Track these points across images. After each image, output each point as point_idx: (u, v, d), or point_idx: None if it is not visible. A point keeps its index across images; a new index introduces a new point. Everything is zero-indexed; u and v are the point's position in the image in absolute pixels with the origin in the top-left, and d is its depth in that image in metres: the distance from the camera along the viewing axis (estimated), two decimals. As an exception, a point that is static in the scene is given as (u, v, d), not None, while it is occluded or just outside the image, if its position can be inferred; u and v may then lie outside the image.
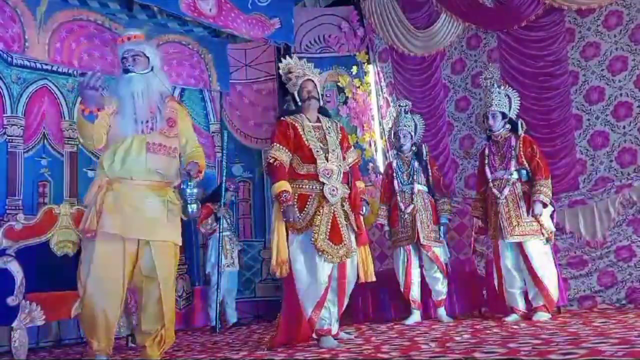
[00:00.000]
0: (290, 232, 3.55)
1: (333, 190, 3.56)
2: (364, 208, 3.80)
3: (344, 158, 3.75)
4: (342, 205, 3.63)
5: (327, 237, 3.47)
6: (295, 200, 3.53)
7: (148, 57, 3.22)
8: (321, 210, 3.51)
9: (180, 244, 3.27)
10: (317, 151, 3.61)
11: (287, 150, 3.61)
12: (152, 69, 3.21)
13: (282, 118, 3.78)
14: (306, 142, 3.62)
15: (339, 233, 3.52)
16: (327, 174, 3.57)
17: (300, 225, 3.52)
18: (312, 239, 3.46)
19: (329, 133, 3.73)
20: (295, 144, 3.63)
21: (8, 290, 3.87)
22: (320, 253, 3.44)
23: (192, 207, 3.16)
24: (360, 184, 3.84)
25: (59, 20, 5.85)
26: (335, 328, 3.62)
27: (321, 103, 3.84)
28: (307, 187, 3.58)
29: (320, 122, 3.79)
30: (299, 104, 3.83)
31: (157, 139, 3.14)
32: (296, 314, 3.54)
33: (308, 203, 3.54)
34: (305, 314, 3.49)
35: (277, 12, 6.58)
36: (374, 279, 3.79)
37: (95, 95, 2.90)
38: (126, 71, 3.16)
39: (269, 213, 6.78)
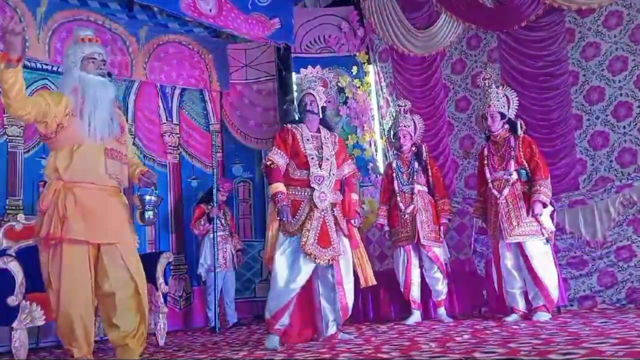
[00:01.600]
0: (281, 234, 3.75)
1: (322, 195, 3.76)
2: (356, 220, 3.99)
3: (338, 167, 3.95)
4: (332, 211, 3.83)
5: (316, 242, 3.66)
6: (289, 202, 3.73)
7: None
8: (312, 215, 3.70)
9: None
10: (312, 158, 3.82)
11: (284, 155, 3.82)
12: (109, 75, 3.22)
13: (284, 125, 4.03)
14: (303, 150, 3.83)
15: (328, 237, 3.71)
16: (319, 180, 3.78)
17: (292, 229, 3.71)
18: (302, 243, 3.64)
19: (326, 143, 3.94)
20: (293, 150, 3.84)
21: (8, 290, 3.86)
22: (307, 256, 3.62)
23: (149, 214, 3.37)
24: (354, 196, 4.05)
25: (59, 20, 5.85)
26: (333, 329, 3.82)
27: (320, 116, 4.02)
28: (299, 193, 3.79)
29: (319, 132, 3.99)
30: (299, 113, 4.06)
31: (113, 144, 3.18)
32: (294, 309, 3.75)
33: (300, 209, 3.75)
34: (271, 311, 3.66)
35: (277, 12, 6.58)
36: (374, 282, 3.99)
37: (18, 41, 2.61)
38: (103, 75, 3.15)
39: (269, 213, 6.78)
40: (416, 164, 4.90)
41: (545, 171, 4.26)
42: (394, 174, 4.96)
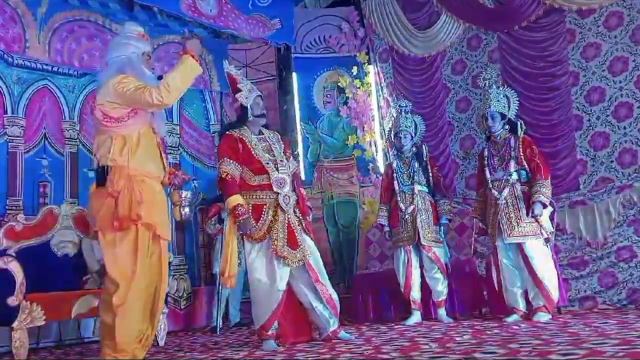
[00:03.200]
0: (247, 242, 3.70)
1: (286, 198, 3.75)
2: (310, 216, 4.05)
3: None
4: (295, 212, 3.81)
5: (286, 244, 3.65)
6: (250, 210, 3.67)
7: None
8: (277, 218, 3.68)
9: None
10: (267, 163, 3.76)
11: (237, 164, 3.72)
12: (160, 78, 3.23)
13: (227, 132, 3.89)
14: (255, 156, 3.76)
15: (295, 238, 3.71)
16: (281, 183, 3.74)
17: (257, 235, 3.66)
18: (272, 247, 3.63)
19: (273, 144, 3.89)
20: (244, 157, 3.76)
21: (8, 291, 3.87)
22: (280, 259, 3.61)
23: (186, 210, 3.35)
24: (303, 191, 4.04)
25: (60, 20, 5.85)
26: (335, 325, 3.79)
27: (265, 118, 4.00)
28: (261, 197, 3.73)
29: (263, 134, 3.94)
30: (248, 116, 3.90)
31: (159, 139, 3.27)
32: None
33: (263, 212, 3.70)
34: (259, 320, 3.65)
35: (278, 13, 6.58)
36: None
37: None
38: (153, 74, 3.21)
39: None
40: (416, 164, 4.90)
41: (545, 172, 4.26)
42: (395, 174, 4.96)
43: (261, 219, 3.66)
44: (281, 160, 3.82)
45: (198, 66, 3.10)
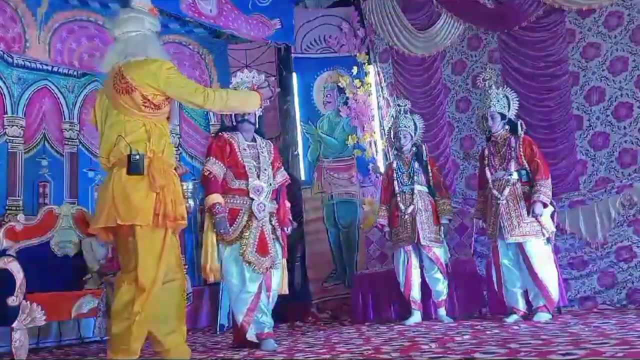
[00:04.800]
0: (220, 244, 3.77)
1: (261, 206, 3.80)
2: (289, 228, 4.13)
3: (273, 177, 3.99)
4: (270, 220, 3.88)
5: (255, 250, 3.72)
6: (227, 213, 3.73)
7: None
8: (250, 224, 3.75)
9: None
10: (250, 169, 3.84)
11: (222, 165, 3.81)
12: None
13: (220, 133, 3.99)
14: (241, 160, 3.84)
15: (266, 245, 3.78)
16: (257, 191, 3.81)
17: (230, 238, 3.73)
18: (241, 251, 3.69)
19: (262, 153, 3.97)
20: (230, 160, 3.84)
21: (8, 291, 3.87)
22: (247, 264, 3.69)
23: (190, 202, 3.28)
24: (287, 203, 4.15)
25: (60, 20, 5.85)
26: (269, 329, 3.83)
27: (256, 126, 4.05)
28: (238, 202, 3.80)
29: (255, 141, 4.01)
30: (233, 121, 4.02)
31: None
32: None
33: (238, 217, 3.77)
34: (237, 321, 3.73)
35: (278, 13, 6.58)
36: (286, 291, 4.15)
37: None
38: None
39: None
40: (416, 164, 4.90)
41: (545, 171, 4.26)
42: (394, 175, 4.96)
43: (235, 222, 3.74)
44: (265, 169, 3.91)
45: (256, 105, 3.14)
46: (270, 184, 3.92)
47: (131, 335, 2.59)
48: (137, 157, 2.60)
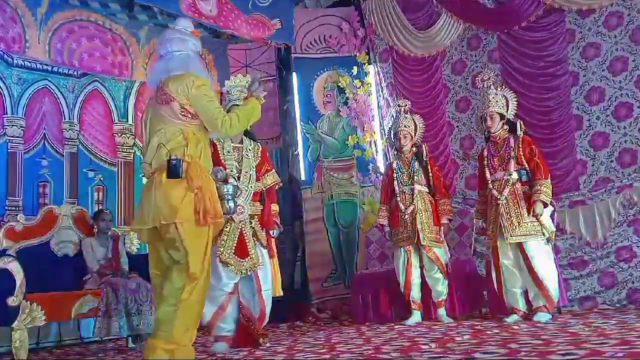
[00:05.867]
0: None
1: (239, 208, 3.80)
2: (275, 231, 4.11)
3: (258, 179, 4.01)
4: (250, 222, 3.91)
5: (233, 252, 3.76)
6: None
7: None
8: (228, 226, 3.78)
9: None
10: (231, 171, 3.87)
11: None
12: None
13: None
14: (223, 161, 3.89)
15: (245, 248, 3.82)
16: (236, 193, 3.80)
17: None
18: (218, 252, 3.71)
19: (247, 155, 4.01)
20: (212, 161, 3.76)
21: (8, 291, 3.86)
22: (223, 265, 3.73)
23: (230, 204, 3.40)
24: (274, 207, 4.15)
25: (60, 20, 5.84)
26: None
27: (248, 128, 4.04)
28: None
29: (242, 143, 4.06)
30: None
31: None
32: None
33: None
34: (205, 318, 3.71)
35: (278, 13, 6.58)
36: (281, 293, 4.14)
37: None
38: None
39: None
40: (416, 164, 4.90)
41: (545, 171, 4.27)
42: (394, 174, 4.96)
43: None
44: (247, 172, 3.95)
45: (259, 110, 3.24)
46: (251, 187, 3.95)
47: (175, 321, 2.76)
48: (175, 162, 2.83)
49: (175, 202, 2.79)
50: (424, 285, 4.82)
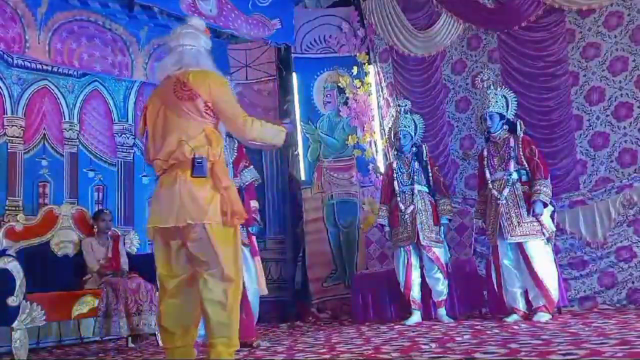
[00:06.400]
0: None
1: None
2: (254, 228, 4.04)
3: (235, 176, 3.93)
4: None
5: None
6: None
7: None
8: None
9: None
10: None
11: None
12: None
13: None
14: None
15: None
16: None
17: None
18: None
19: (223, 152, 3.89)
20: None
21: (8, 291, 3.86)
22: None
23: None
24: (254, 203, 4.08)
25: (60, 20, 5.84)
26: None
27: None
28: None
29: None
30: None
31: None
32: None
33: None
34: None
35: (278, 13, 6.58)
36: (266, 292, 4.06)
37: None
38: None
39: (270, 213, 6.79)
40: (416, 164, 4.90)
41: (545, 171, 4.27)
42: (394, 175, 4.96)
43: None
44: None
45: (282, 141, 3.10)
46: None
47: (231, 325, 2.71)
48: (201, 160, 2.74)
49: (204, 202, 2.71)
50: (424, 285, 4.83)
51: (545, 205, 4.20)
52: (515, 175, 4.33)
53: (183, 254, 2.78)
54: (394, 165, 5.03)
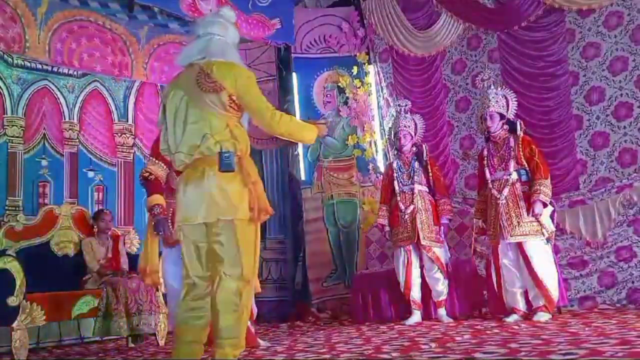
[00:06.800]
0: (163, 247, 3.70)
1: None
2: None
3: None
4: None
5: None
6: (170, 214, 3.57)
7: None
8: None
9: None
10: None
11: (163, 165, 3.64)
12: None
13: None
14: None
15: None
16: None
17: (171, 240, 3.56)
18: (181, 253, 3.53)
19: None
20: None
21: (8, 291, 3.87)
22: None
23: None
24: None
25: (60, 20, 5.84)
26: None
27: None
28: None
29: None
30: None
31: None
32: None
33: None
34: (172, 324, 3.54)
35: (278, 13, 6.58)
36: (259, 290, 3.85)
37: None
38: None
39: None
40: (416, 164, 4.90)
41: (545, 171, 4.27)
42: (395, 174, 4.96)
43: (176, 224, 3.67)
44: None
45: (312, 139, 3.04)
46: None
47: (240, 327, 2.63)
48: (228, 154, 2.64)
49: (234, 198, 2.62)
50: (424, 285, 4.82)
51: (545, 205, 4.20)
52: (515, 175, 4.33)
53: (207, 252, 2.70)
54: (394, 165, 5.03)
